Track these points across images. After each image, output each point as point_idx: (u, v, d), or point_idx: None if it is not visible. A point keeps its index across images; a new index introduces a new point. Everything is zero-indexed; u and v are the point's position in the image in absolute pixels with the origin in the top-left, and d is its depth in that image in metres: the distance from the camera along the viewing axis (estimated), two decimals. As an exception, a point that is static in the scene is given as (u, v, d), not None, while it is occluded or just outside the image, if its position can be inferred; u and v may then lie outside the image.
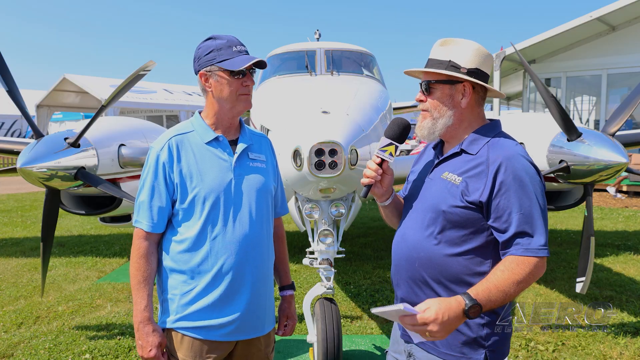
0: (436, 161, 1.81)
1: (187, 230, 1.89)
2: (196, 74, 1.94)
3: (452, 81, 1.72)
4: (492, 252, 1.68)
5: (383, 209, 1.97)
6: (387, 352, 2.01)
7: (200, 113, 2.01)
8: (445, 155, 1.78)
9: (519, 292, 1.57)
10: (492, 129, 1.76)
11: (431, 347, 1.73)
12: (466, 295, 1.52)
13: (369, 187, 1.82)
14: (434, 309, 1.48)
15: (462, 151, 1.73)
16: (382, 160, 1.78)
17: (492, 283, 1.55)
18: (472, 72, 1.71)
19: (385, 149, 1.77)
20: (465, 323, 1.64)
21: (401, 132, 1.77)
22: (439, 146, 1.88)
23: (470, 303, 1.50)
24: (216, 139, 1.94)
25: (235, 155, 1.94)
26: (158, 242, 1.95)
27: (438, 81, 1.73)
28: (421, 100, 1.78)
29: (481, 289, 1.54)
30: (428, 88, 1.75)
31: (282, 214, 2.22)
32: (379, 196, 1.89)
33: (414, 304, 1.63)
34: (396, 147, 1.77)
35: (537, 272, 1.59)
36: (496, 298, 1.53)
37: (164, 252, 1.95)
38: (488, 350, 1.69)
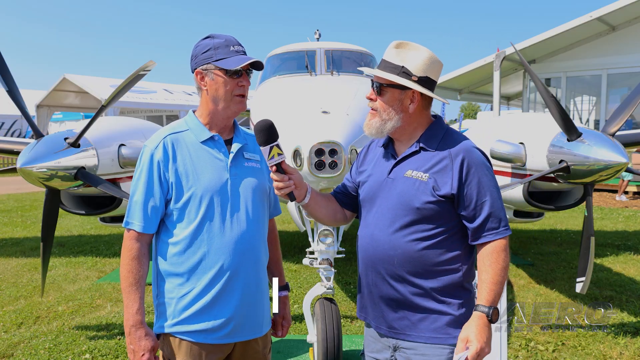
0: (394, 161, 1.86)
1: (182, 231, 1.85)
2: (193, 71, 1.92)
3: (402, 87, 1.79)
4: (461, 236, 1.81)
5: (305, 207, 1.94)
6: (362, 354, 2.01)
7: (194, 112, 1.98)
8: (403, 155, 1.84)
9: (507, 269, 1.79)
10: (441, 126, 1.88)
11: (416, 335, 1.79)
12: (480, 307, 1.72)
13: (290, 193, 1.80)
14: (473, 340, 1.67)
15: (421, 149, 1.82)
16: (278, 165, 1.75)
17: (489, 282, 1.73)
18: (422, 80, 1.79)
19: (271, 155, 1.73)
20: (445, 304, 1.78)
21: (268, 133, 1.72)
22: (390, 145, 1.91)
23: (489, 311, 1.70)
24: (212, 138, 1.91)
25: (231, 155, 1.92)
26: (150, 243, 1.91)
27: (389, 85, 1.80)
28: (371, 99, 1.85)
29: (485, 293, 1.72)
30: (379, 89, 1.82)
31: (275, 215, 2.18)
32: (301, 197, 1.87)
33: (396, 301, 1.79)
34: (277, 145, 1.74)
35: (508, 249, 1.78)
36: (498, 290, 1.73)
37: (158, 255, 1.91)
38: None
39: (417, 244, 1.76)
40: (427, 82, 1.80)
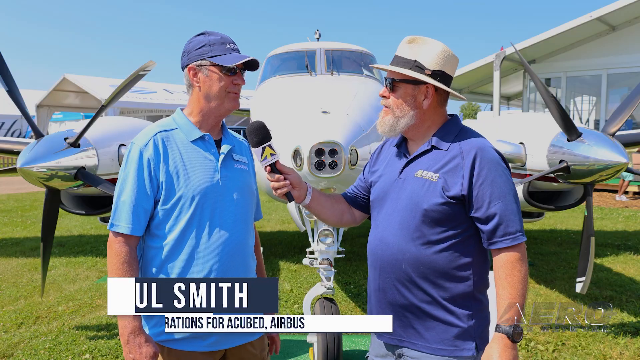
0: (405, 160, 1.79)
1: (169, 234, 1.78)
2: (183, 68, 1.86)
3: (415, 81, 1.72)
4: (474, 242, 1.71)
5: (307, 208, 1.90)
6: (367, 357, 1.97)
7: (182, 110, 1.90)
8: (415, 154, 1.77)
9: (527, 279, 1.65)
10: (456, 123, 1.79)
11: (423, 345, 1.73)
12: (500, 327, 1.60)
13: (288, 194, 1.78)
14: None
15: (433, 147, 1.74)
16: (272, 165, 1.74)
17: (506, 298, 1.62)
18: (436, 74, 1.71)
19: (264, 156, 1.72)
20: (454, 315, 1.69)
21: (260, 134, 1.72)
22: (403, 144, 1.85)
23: (510, 330, 1.59)
24: (202, 137, 1.85)
25: (222, 156, 1.86)
26: (137, 246, 1.82)
27: (402, 80, 1.73)
28: (384, 96, 1.79)
29: (504, 312, 1.61)
30: (392, 85, 1.76)
31: (257, 219, 2.12)
32: (301, 198, 1.85)
33: (403, 308, 1.71)
34: (270, 145, 1.73)
35: (526, 255, 1.67)
36: (519, 304, 1.62)
37: (142, 259, 1.84)
38: (478, 340, 1.71)
39: (426, 248, 1.68)
40: (442, 76, 1.72)
